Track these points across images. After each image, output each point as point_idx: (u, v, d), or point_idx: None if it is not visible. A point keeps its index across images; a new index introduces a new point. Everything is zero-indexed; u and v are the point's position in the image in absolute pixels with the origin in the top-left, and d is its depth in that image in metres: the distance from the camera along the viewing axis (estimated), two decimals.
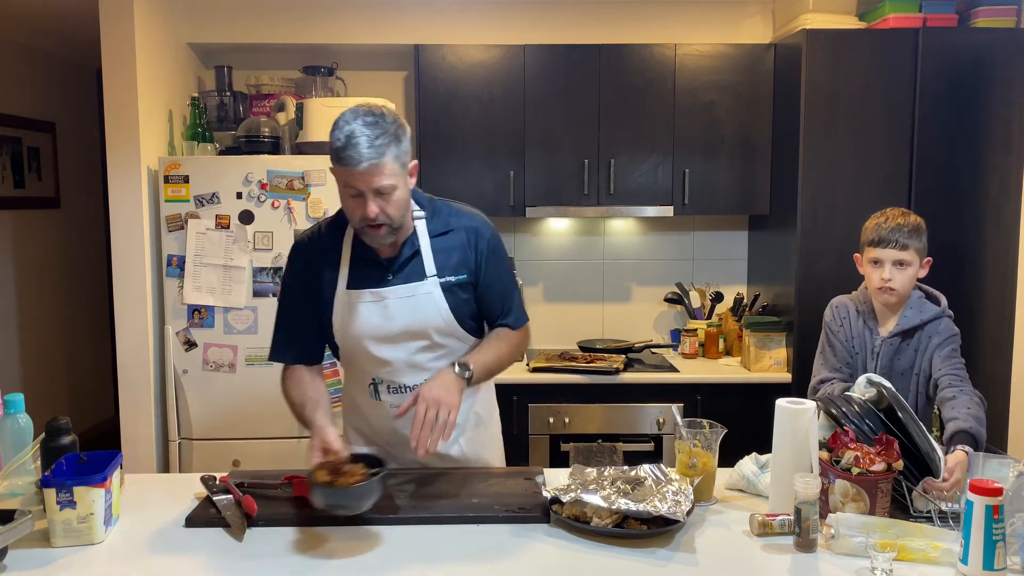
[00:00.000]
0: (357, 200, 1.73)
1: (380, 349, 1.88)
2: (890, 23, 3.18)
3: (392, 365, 1.89)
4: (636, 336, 3.82)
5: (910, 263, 2.10)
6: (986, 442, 1.80)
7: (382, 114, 1.72)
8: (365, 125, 1.69)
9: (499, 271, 1.94)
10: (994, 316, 3.18)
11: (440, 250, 1.88)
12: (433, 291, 1.86)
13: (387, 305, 1.85)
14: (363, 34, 3.58)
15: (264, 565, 1.51)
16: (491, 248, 1.92)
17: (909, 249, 2.09)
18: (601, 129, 3.45)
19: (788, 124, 3.28)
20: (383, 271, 1.87)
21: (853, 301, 2.25)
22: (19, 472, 1.68)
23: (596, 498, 1.60)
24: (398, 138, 1.72)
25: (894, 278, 2.09)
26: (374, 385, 1.93)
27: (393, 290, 1.85)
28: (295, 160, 3.10)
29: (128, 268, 3.11)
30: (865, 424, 1.74)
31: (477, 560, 1.52)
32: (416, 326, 1.86)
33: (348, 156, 1.68)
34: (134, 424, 3.15)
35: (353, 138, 1.68)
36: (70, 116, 5.00)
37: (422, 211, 1.89)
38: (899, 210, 2.16)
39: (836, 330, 2.23)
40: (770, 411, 1.73)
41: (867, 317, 2.20)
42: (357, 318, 1.86)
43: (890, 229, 2.09)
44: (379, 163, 1.68)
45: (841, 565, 1.49)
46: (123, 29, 3.04)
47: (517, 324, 1.98)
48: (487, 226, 1.94)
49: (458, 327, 1.90)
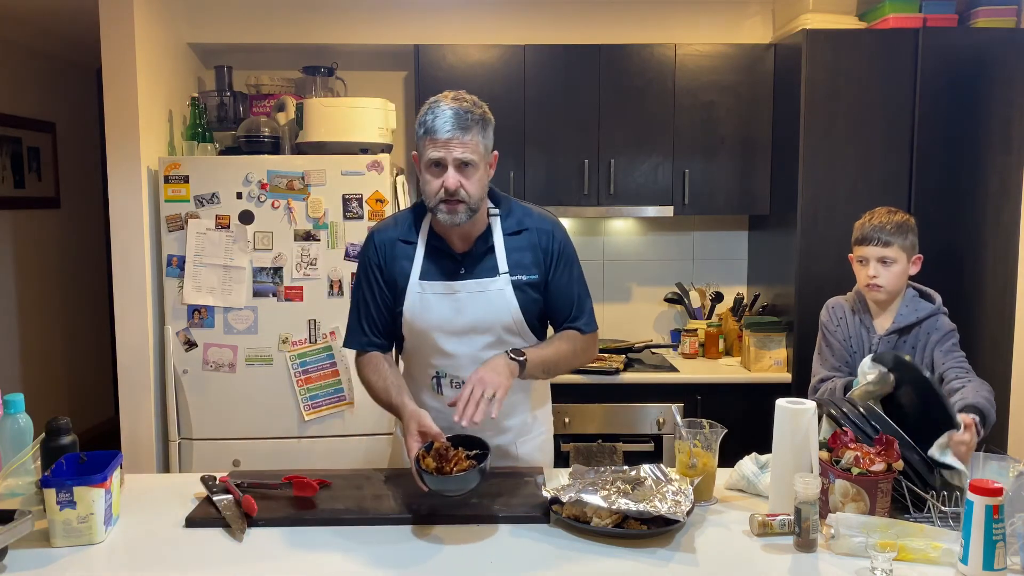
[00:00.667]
0: (438, 172, 1.78)
1: (447, 342, 1.90)
2: (890, 23, 3.18)
3: (457, 359, 1.91)
4: (636, 336, 3.83)
5: (895, 260, 2.14)
6: (985, 449, 1.79)
7: (473, 101, 1.81)
8: (455, 101, 1.78)
9: (570, 274, 1.95)
10: (994, 316, 3.18)
11: (513, 249, 1.91)
12: (505, 288, 1.88)
13: (458, 299, 1.88)
14: (363, 34, 3.58)
15: (264, 565, 1.51)
16: (562, 250, 1.93)
17: (892, 246, 2.13)
18: (601, 129, 3.45)
19: (788, 124, 3.28)
20: (456, 264, 1.89)
21: (848, 301, 2.29)
22: (19, 472, 1.68)
23: (596, 498, 1.60)
24: (484, 123, 1.80)
25: (880, 275, 2.14)
26: (437, 379, 1.96)
27: (464, 284, 1.88)
28: (295, 160, 3.10)
29: (128, 268, 3.11)
30: (869, 425, 1.74)
31: (477, 560, 1.52)
32: (485, 322, 1.89)
33: (436, 126, 1.76)
34: (134, 424, 3.15)
35: (443, 110, 1.76)
36: (70, 116, 5.00)
37: (497, 208, 1.93)
38: (886, 209, 2.22)
39: (833, 330, 2.27)
40: (770, 411, 1.73)
41: (863, 316, 2.24)
42: (428, 309, 1.89)
43: (873, 227, 2.15)
44: (464, 135, 1.76)
45: (841, 565, 1.49)
46: (123, 29, 3.04)
47: (586, 328, 1.97)
48: (560, 228, 1.96)
49: (525, 326, 1.92)
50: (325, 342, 3.11)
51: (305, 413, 3.11)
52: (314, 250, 3.08)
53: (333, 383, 3.13)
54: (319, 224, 3.07)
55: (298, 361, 3.10)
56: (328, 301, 3.09)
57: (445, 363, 1.93)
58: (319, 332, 3.10)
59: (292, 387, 3.11)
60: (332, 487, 1.85)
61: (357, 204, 3.07)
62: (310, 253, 3.08)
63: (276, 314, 3.09)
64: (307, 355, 3.11)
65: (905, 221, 2.18)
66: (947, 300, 2.22)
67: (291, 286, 3.09)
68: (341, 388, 3.12)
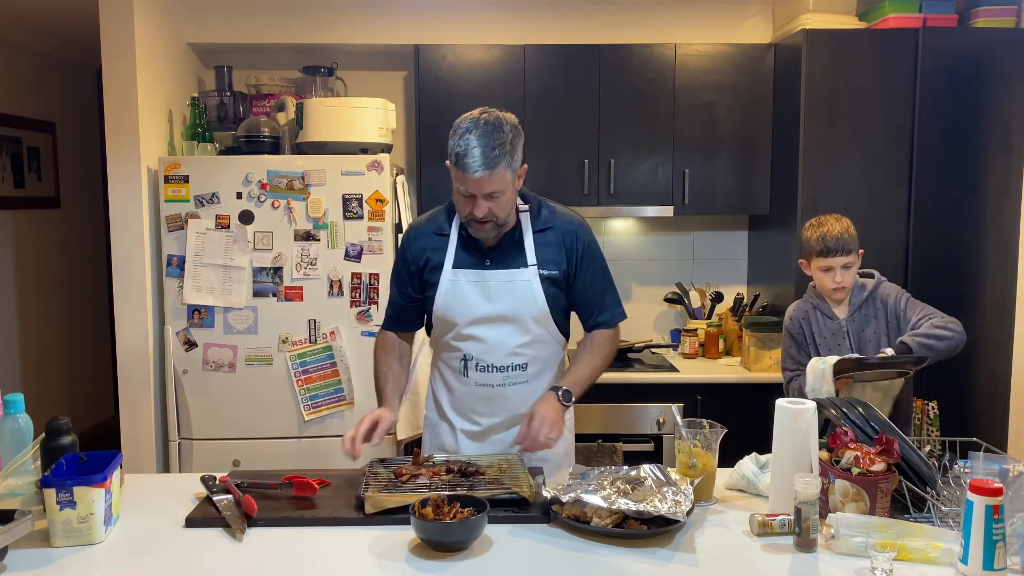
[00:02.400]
0: (468, 199, 1.90)
1: (476, 328, 2.01)
2: (890, 23, 3.18)
3: (485, 343, 2.02)
4: (636, 336, 3.82)
5: (854, 263, 2.45)
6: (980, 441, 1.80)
7: (500, 124, 1.86)
8: (484, 135, 1.84)
9: (594, 271, 2.07)
10: (994, 316, 3.17)
11: (540, 245, 2.02)
12: (532, 280, 2.00)
13: (488, 287, 2.00)
14: (363, 34, 3.58)
15: (264, 565, 1.51)
16: (586, 248, 2.05)
17: (852, 252, 2.43)
18: (601, 129, 3.45)
19: (788, 124, 3.28)
20: (482, 255, 2.01)
21: (806, 302, 2.57)
22: (19, 472, 1.68)
23: (596, 498, 1.60)
24: (513, 149, 1.87)
25: (844, 279, 2.44)
26: (464, 362, 2.05)
27: (494, 274, 2.00)
28: (295, 160, 3.10)
29: (128, 268, 3.11)
30: (869, 425, 1.75)
31: (477, 560, 1.52)
32: (513, 311, 2.00)
33: (465, 164, 1.84)
34: (134, 424, 3.15)
35: (471, 147, 1.83)
36: (70, 116, 5.00)
37: (526, 205, 2.04)
38: (833, 217, 2.48)
39: (796, 333, 2.56)
40: (770, 411, 1.73)
41: (823, 310, 2.53)
42: (460, 296, 2.01)
43: (835, 239, 2.41)
44: (492, 174, 1.84)
45: (841, 565, 1.49)
46: (123, 29, 3.04)
47: (612, 321, 2.10)
48: (584, 228, 2.07)
49: (550, 317, 2.03)
50: (325, 342, 3.11)
51: (305, 413, 3.11)
52: (314, 250, 3.08)
53: (333, 383, 3.13)
54: (319, 224, 3.07)
55: (298, 361, 3.10)
56: (328, 301, 3.09)
57: (473, 347, 2.03)
58: (319, 332, 3.10)
59: (292, 387, 3.11)
60: (332, 487, 1.85)
61: (357, 204, 3.07)
62: (310, 253, 3.08)
63: (276, 314, 3.09)
64: (307, 355, 3.11)
65: (851, 226, 2.46)
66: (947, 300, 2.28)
67: (291, 286, 3.09)
68: (341, 388, 3.12)
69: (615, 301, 2.12)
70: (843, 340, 2.48)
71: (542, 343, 2.05)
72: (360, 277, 3.09)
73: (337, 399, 3.13)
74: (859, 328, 2.47)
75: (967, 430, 2.46)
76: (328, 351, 3.11)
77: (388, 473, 1.84)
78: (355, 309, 3.10)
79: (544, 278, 2.00)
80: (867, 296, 2.48)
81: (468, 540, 1.55)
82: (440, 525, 1.53)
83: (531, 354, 2.04)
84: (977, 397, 3.20)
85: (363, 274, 3.09)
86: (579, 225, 2.07)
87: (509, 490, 1.71)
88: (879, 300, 2.48)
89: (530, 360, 2.04)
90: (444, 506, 1.59)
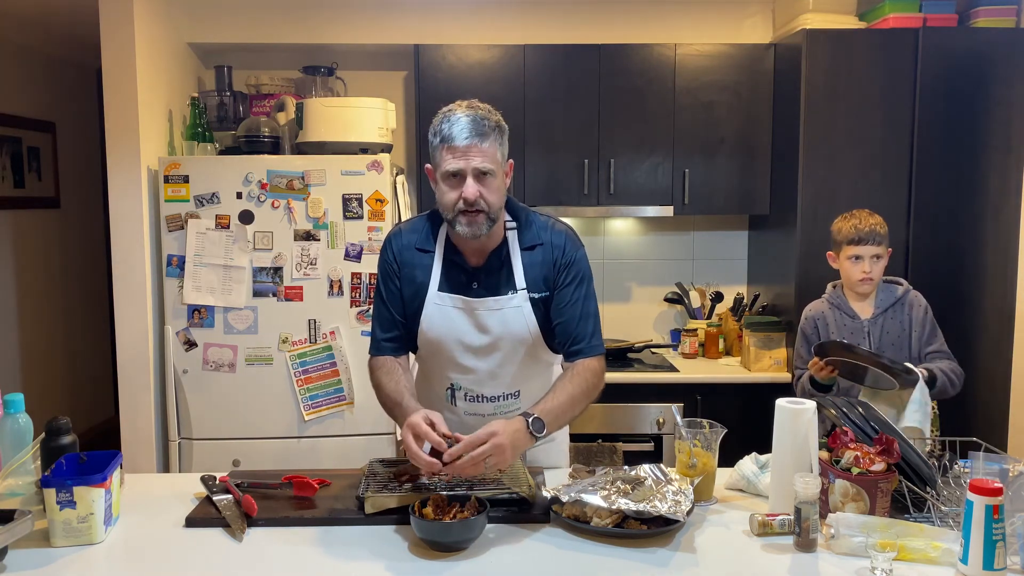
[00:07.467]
0: (456, 183, 1.76)
1: (465, 357, 1.88)
2: (890, 23, 3.18)
3: (475, 374, 1.90)
4: (636, 336, 3.82)
5: (883, 256, 2.49)
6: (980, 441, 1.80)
7: (488, 108, 1.81)
8: (470, 109, 1.77)
9: (574, 292, 1.86)
10: (994, 316, 3.18)
11: (529, 264, 1.86)
12: (523, 305, 1.85)
13: (477, 315, 1.85)
14: (363, 34, 3.58)
15: (264, 565, 1.51)
16: (570, 265, 1.86)
17: (883, 244, 2.48)
18: (601, 129, 3.45)
19: (788, 124, 3.28)
20: (468, 278, 1.86)
21: (824, 303, 2.59)
22: (19, 472, 1.68)
23: (596, 498, 1.60)
24: (500, 130, 1.80)
25: (872, 270, 2.47)
26: (451, 391, 1.94)
27: (482, 302, 1.85)
28: (295, 160, 3.10)
29: (128, 268, 3.11)
30: (869, 425, 1.74)
31: (477, 560, 1.52)
32: (505, 340, 1.86)
33: (452, 133, 1.74)
34: (134, 424, 3.15)
35: (459, 118, 1.75)
36: (70, 116, 5.00)
37: (515, 222, 1.89)
38: (866, 211, 2.54)
39: (810, 332, 2.58)
40: (770, 411, 1.73)
41: (845, 309, 2.54)
42: (447, 322, 1.86)
43: (867, 230, 2.46)
44: (482, 142, 1.74)
45: (841, 565, 1.49)
46: (123, 29, 3.04)
47: (588, 352, 1.86)
48: (572, 244, 1.89)
49: (542, 340, 1.88)
50: (325, 342, 3.11)
51: (305, 413, 3.11)
52: (314, 250, 3.08)
53: (333, 383, 3.13)
54: (319, 224, 3.07)
55: (298, 361, 3.10)
56: (328, 301, 3.09)
57: (462, 377, 1.91)
58: (319, 332, 3.10)
59: (292, 387, 3.11)
60: (332, 487, 1.85)
61: (357, 204, 3.07)
62: (310, 253, 3.08)
63: (276, 314, 3.09)
64: (307, 355, 3.11)
65: (883, 221, 2.51)
66: (947, 300, 2.27)
67: (291, 286, 3.09)
68: (341, 388, 3.12)
69: (594, 332, 1.87)
70: (863, 341, 2.50)
71: (535, 368, 1.94)
72: (360, 277, 3.09)
73: (337, 399, 3.13)
74: (881, 330, 2.49)
75: (967, 430, 2.45)
76: (328, 351, 3.11)
77: (388, 473, 1.84)
78: (355, 309, 3.10)
79: (535, 301, 1.85)
80: (896, 300, 2.50)
81: (468, 540, 1.55)
82: (440, 525, 1.53)
83: (524, 381, 1.92)
84: (977, 397, 3.20)
85: (363, 274, 3.09)
86: (568, 241, 1.89)
87: (509, 490, 1.71)
88: (907, 306, 2.50)
89: (523, 388, 1.93)
90: (444, 506, 1.59)
